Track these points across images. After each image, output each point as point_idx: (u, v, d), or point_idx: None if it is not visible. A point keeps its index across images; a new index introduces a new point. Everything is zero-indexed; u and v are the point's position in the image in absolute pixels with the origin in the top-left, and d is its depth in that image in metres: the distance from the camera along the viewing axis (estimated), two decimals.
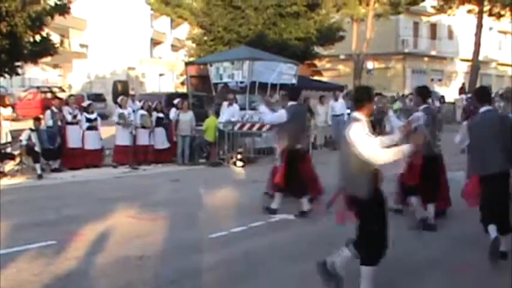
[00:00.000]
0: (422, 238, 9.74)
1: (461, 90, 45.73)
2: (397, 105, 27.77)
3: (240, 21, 31.18)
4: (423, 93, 10.66)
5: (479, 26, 45.71)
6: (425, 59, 63.37)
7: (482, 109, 8.86)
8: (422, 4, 50.40)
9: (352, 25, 46.17)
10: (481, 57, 47.87)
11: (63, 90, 46.44)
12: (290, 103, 11.72)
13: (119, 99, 19.95)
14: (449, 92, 55.90)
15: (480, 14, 45.88)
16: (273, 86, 22.68)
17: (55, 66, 58.99)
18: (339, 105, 25.30)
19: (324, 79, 45.50)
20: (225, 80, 22.37)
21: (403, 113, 29.05)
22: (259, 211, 11.69)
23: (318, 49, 37.08)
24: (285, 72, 23.60)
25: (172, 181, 16.07)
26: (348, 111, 25.49)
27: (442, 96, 45.76)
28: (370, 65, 52.53)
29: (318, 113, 24.36)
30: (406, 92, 50.87)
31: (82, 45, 61.21)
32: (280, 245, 9.23)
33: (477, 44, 45.72)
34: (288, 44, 30.89)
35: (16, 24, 15.80)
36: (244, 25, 31.06)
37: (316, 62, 43.86)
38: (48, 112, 18.72)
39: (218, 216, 11.58)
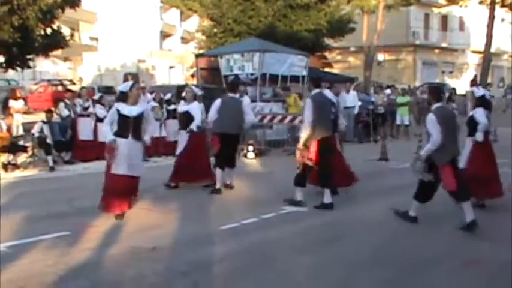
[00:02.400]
0: (431, 232, 9.77)
1: (473, 83, 45.57)
2: (406, 98, 27.78)
3: (250, 13, 31.19)
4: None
5: (491, 17, 45.54)
6: (436, 50, 63.21)
7: (436, 105, 9.98)
8: None
9: (363, 17, 46.10)
10: (492, 49, 47.73)
11: (74, 83, 46.55)
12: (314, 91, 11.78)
13: None
14: (461, 84, 55.76)
15: (492, 5, 45.70)
16: (284, 77, 22.72)
17: (65, 59, 59.09)
18: (350, 97, 25.29)
19: (334, 71, 45.47)
20: (236, 72, 22.36)
21: (412, 107, 29.19)
22: (270, 203, 11.76)
23: (328, 41, 37.04)
24: (296, 64, 23.58)
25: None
26: (360, 103, 25.54)
27: (453, 89, 45.69)
28: (380, 56, 52.52)
29: None
30: (417, 84, 50.86)
31: (92, 38, 61.27)
32: (291, 237, 9.29)
33: (489, 36, 45.54)
34: (298, 35, 30.89)
35: (27, 17, 15.88)
36: (254, 17, 31.07)
37: (327, 54, 43.83)
38: (61, 104, 18.85)
39: (229, 207, 11.63)
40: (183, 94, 14.25)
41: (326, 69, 41.58)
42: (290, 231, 9.65)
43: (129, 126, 10.38)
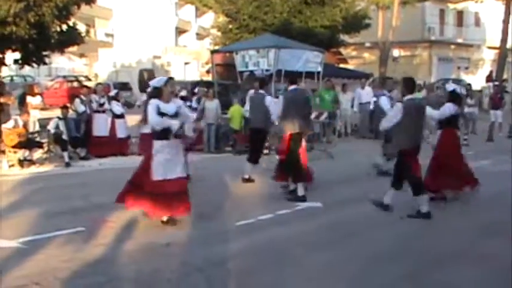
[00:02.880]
0: (448, 228, 9.72)
1: (489, 78, 45.40)
2: (422, 94, 27.61)
3: (266, 9, 31.12)
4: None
5: (507, 12, 45.18)
6: (452, 46, 62.88)
7: (408, 97, 10.58)
8: None
9: (378, 13, 45.94)
10: (508, 45, 47.36)
11: (89, 79, 46.66)
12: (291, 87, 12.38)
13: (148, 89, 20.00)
14: (476, 80, 55.47)
15: (508, 0, 45.37)
16: (299, 74, 22.66)
17: (81, 55, 59.29)
18: (366, 93, 25.20)
19: (349, 67, 45.36)
20: (251, 68, 22.34)
21: (431, 103, 29.07)
22: (285, 199, 11.74)
23: (343, 37, 36.93)
24: (311, 60, 23.53)
25: (198, 169, 16.12)
26: (375, 99, 25.42)
27: (469, 84, 45.44)
28: (396, 52, 52.26)
29: (341, 101, 24.21)
30: (433, 80, 50.64)
31: (108, 35, 61.42)
32: (307, 233, 9.26)
33: (505, 32, 45.18)
34: (313, 31, 30.79)
35: (43, 14, 15.90)
36: (269, 13, 31.00)
37: (342, 49, 43.72)
38: (77, 100, 18.88)
39: (245, 204, 11.61)
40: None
41: (341, 65, 41.47)
42: (305, 228, 9.61)
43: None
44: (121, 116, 18.73)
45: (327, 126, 22.60)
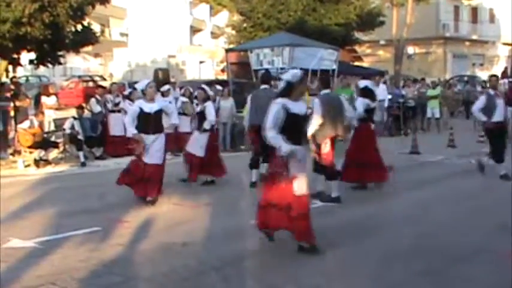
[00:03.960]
0: (465, 225, 9.64)
1: (504, 75, 45.08)
2: (437, 91, 27.50)
3: (280, 8, 31.08)
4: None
5: None
6: (467, 43, 62.62)
7: (324, 91, 11.55)
8: None
9: (392, 10, 45.74)
10: None
11: (104, 79, 46.79)
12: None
13: (162, 89, 20.00)
14: None
15: None
16: (314, 72, 22.60)
17: (96, 55, 59.47)
18: (380, 91, 25.08)
19: (364, 65, 45.22)
20: (265, 66, 22.29)
21: (447, 100, 28.97)
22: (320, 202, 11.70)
23: (358, 34, 36.85)
24: (326, 58, 23.49)
25: None
26: (390, 96, 25.34)
27: (484, 81, 45.20)
28: (410, 50, 52.11)
29: (356, 99, 24.03)
30: (447, 76, 50.42)
31: (122, 34, 61.59)
32: (324, 230, 9.16)
33: None
34: (328, 29, 30.73)
35: (58, 14, 15.93)
36: (284, 11, 30.96)
37: (356, 47, 43.57)
38: (93, 100, 18.93)
39: None
40: (196, 94, 14.37)
41: (356, 63, 41.36)
42: (322, 225, 9.51)
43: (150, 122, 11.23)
44: None
45: None
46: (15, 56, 17.91)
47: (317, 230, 8.82)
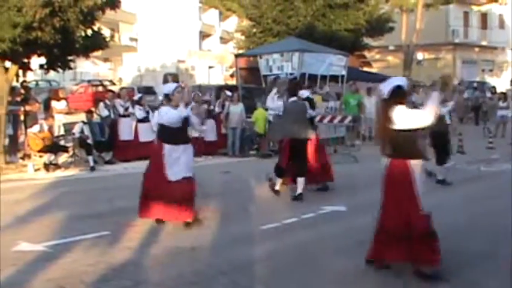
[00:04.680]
0: (474, 229, 9.62)
1: None
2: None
3: (289, 13, 31.06)
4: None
5: None
6: (476, 49, 62.47)
7: (291, 99, 12.54)
8: None
9: (402, 15, 45.74)
10: None
11: (114, 84, 46.89)
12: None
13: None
14: (501, 82, 55.04)
15: None
16: (323, 77, 22.61)
17: (105, 59, 59.61)
18: None
19: (373, 70, 45.19)
20: (275, 72, 22.34)
21: (458, 106, 28.91)
22: (311, 202, 11.69)
23: (367, 40, 36.78)
24: (335, 63, 23.50)
25: (223, 173, 16.13)
26: None
27: (493, 87, 45.10)
28: (420, 55, 52.01)
29: (365, 105, 24.01)
30: (456, 82, 50.29)
31: (132, 39, 61.71)
32: (331, 237, 9.18)
33: None
34: (337, 35, 30.68)
35: (68, 19, 15.96)
36: (293, 17, 30.93)
37: (366, 53, 43.53)
38: (101, 104, 19.03)
39: (270, 207, 11.58)
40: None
41: (365, 69, 41.33)
42: (331, 231, 9.55)
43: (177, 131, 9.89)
44: (144, 120, 18.75)
45: (351, 130, 22.51)
46: (25, 60, 17.94)
47: (323, 237, 8.85)
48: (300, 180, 12.31)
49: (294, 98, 12.69)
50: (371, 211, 10.91)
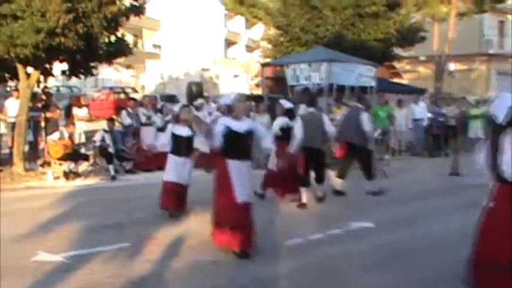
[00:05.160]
0: None
1: None
2: (480, 110, 27.26)
3: (318, 22, 31.06)
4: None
5: None
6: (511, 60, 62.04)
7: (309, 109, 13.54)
8: (508, 2, 49.18)
9: (433, 25, 45.49)
10: None
11: (136, 91, 47.15)
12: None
13: (196, 103, 20.13)
14: None
15: None
16: (351, 88, 22.57)
17: (128, 66, 59.94)
18: (420, 109, 24.99)
19: (403, 81, 45.03)
20: (302, 82, 22.29)
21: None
22: (337, 218, 11.67)
23: (397, 50, 36.67)
24: (364, 74, 23.42)
25: None
26: (429, 115, 25.19)
27: None
28: (452, 66, 51.71)
29: (395, 117, 23.92)
30: (491, 95, 49.95)
31: (155, 46, 62.04)
32: (358, 254, 9.15)
33: None
34: (366, 45, 30.62)
35: (92, 25, 16.09)
36: (321, 26, 30.93)
37: (396, 63, 43.39)
38: (124, 112, 19.13)
39: (295, 222, 11.56)
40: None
41: (395, 80, 41.18)
42: (357, 248, 9.52)
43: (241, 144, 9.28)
44: (164, 129, 18.83)
45: (380, 143, 22.45)
46: (47, 66, 18.13)
47: (349, 254, 8.83)
48: (320, 187, 13.61)
49: (311, 109, 13.66)
50: (399, 227, 10.93)
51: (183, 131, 11.80)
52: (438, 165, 20.13)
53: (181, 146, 11.71)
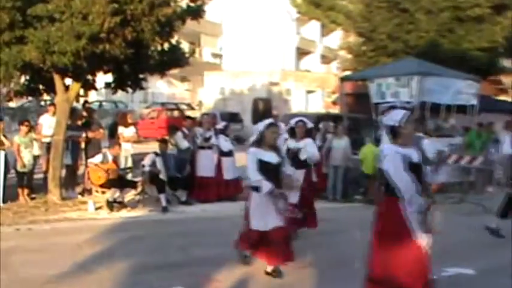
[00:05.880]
0: None
1: None
2: None
3: (408, 28, 30.98)
4: None
5: None
6: None
7: None
8: None
9: None
10: None
11: (193, 108, 47.51)
12: None
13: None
14: None
15: None
16: (448, 107, 22.38)
17: (183, 79, 60.46)
18: None
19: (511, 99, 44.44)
20: (388, 99, 22.13)
21: None
22: (432, 263, 11.54)
23: (505, 62, 36.25)
24: (463, 91, 23.21)
25: (321, 221, 16.06)
26: None
27: None
28: None
29: (502, 142, 23.55)
30: None
31: (215, 55, 62.52)
32: None
33: None
34: (467, 55, 30.37)
35: (142, 30, 16.09)
36: (413, 32, 30.85)
37: (502, 77, 42.87)
38: (179, 134, 19.06)
39: None
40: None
41: (501, 97, 40.66)
42: None
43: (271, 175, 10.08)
44: (229, 154, 18.90)
45: (481, 173, 22.17)
46: (89, 77, 18.22)
47: None
48: None
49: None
50: (503, 275, 10.76)
51: (271, 157, 10.64)
52: None
53: (271, 176, 10.44)
